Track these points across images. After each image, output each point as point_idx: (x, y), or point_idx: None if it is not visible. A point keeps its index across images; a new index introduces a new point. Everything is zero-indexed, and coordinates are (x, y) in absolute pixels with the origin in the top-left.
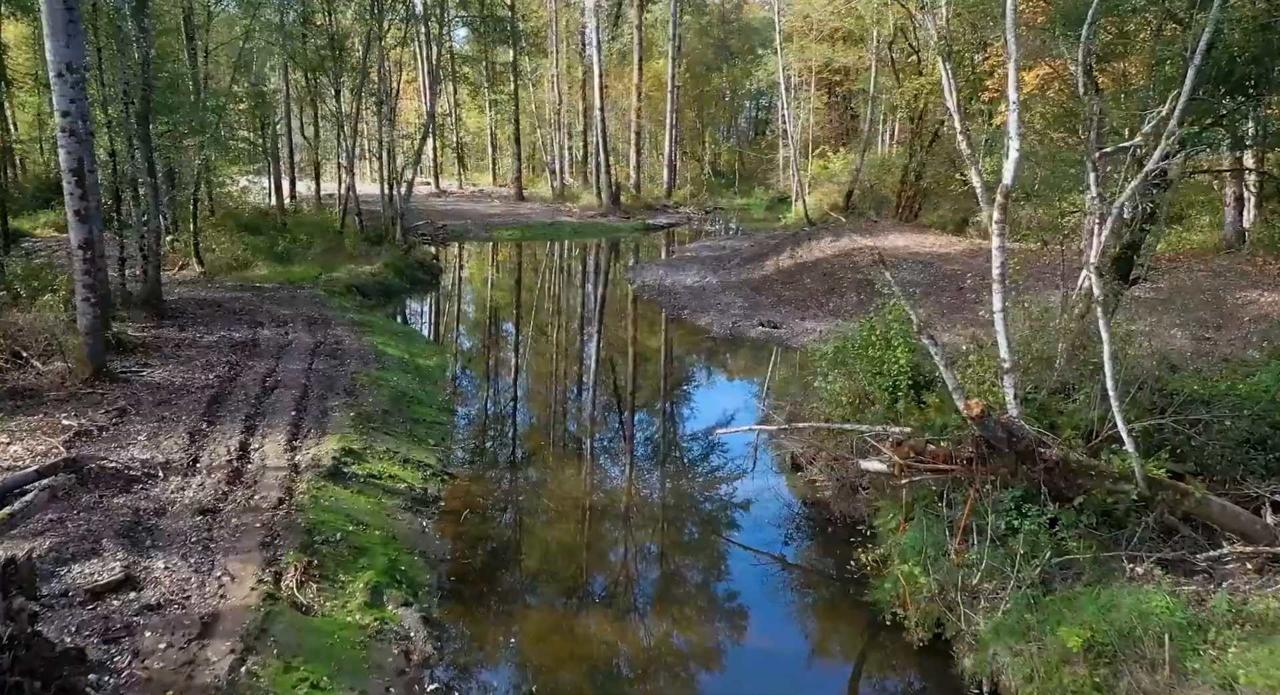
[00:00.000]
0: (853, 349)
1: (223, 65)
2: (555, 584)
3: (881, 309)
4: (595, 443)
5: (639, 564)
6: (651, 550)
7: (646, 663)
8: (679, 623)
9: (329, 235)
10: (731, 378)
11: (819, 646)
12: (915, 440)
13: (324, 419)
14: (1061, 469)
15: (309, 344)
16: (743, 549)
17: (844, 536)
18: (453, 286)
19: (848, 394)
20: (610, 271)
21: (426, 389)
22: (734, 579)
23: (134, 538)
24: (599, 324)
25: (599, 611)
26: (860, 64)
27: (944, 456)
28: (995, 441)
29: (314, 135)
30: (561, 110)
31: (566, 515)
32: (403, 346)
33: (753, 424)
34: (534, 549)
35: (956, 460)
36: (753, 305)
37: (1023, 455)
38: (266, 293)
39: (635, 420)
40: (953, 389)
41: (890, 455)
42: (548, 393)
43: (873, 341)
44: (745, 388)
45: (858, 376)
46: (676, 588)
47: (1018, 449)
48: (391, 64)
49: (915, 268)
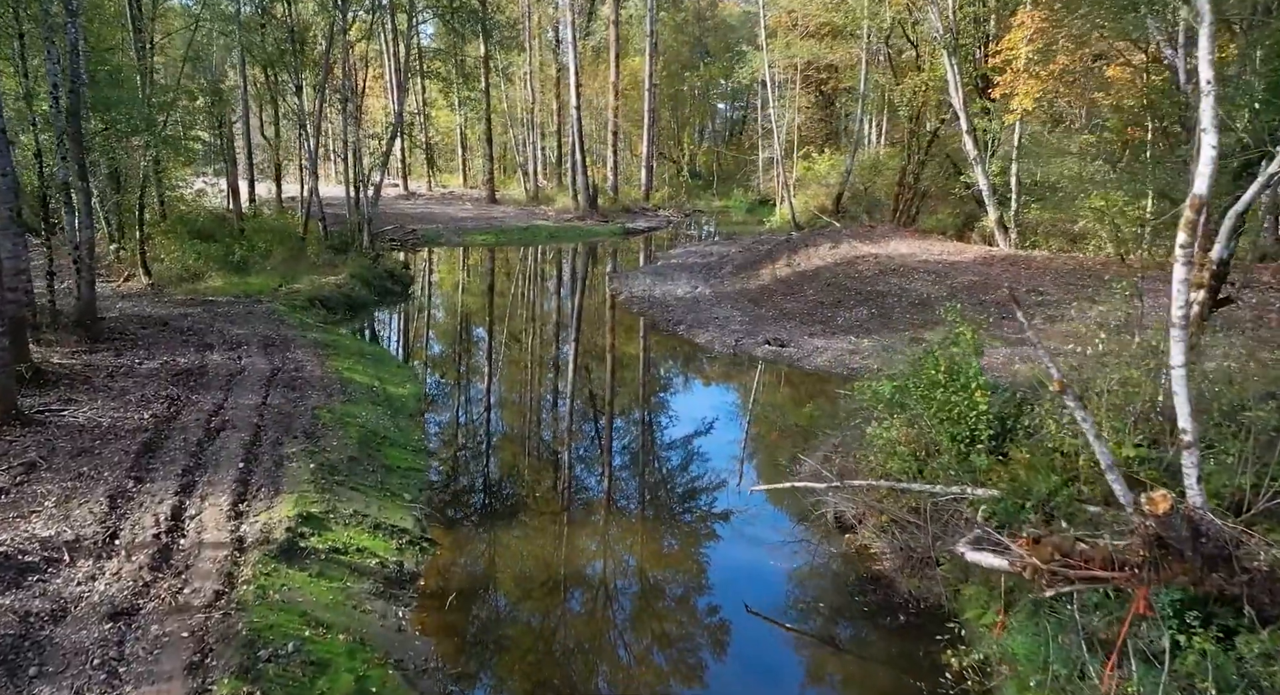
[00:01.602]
0: (916, 389)
1: (176, 59)
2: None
3: (949, 337)
4: (598, 489)
5: (664, 655)
6: (681, 637)
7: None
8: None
9: (290, 242)
10: (748, 409)
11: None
12: (1060, 538)
13: (278, 472)
14: (1270, 581)
15: (265, 371)
16: (786, 630)
17: (917, 624)
18: (425, 298)
19: (907, 441)
20: (593, 279)
21: (399, 425)
22: (782, 675)
23: (13, 665)
24: (588, 341)
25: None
26: (849, 61)
27: (1102, 560)
28: (1176, 542)
29: (275, 135)
30: (535, 109)
31: (571, 593)
32: (371, 371)
33: (791, 478)
34: (534, 645)
35: (1120, 566)
36: (754, 320)
37: (1213, 560)
38: (220, 308)
39: (645, 465)
40: (1106, 467)
41: (1022, 553)
42: (538, 429)
43: (941, 380)
44: (768, 421)
45: (922, 422)
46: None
47: (1206, 552)
48: (357, 59)
49: (928, 279)
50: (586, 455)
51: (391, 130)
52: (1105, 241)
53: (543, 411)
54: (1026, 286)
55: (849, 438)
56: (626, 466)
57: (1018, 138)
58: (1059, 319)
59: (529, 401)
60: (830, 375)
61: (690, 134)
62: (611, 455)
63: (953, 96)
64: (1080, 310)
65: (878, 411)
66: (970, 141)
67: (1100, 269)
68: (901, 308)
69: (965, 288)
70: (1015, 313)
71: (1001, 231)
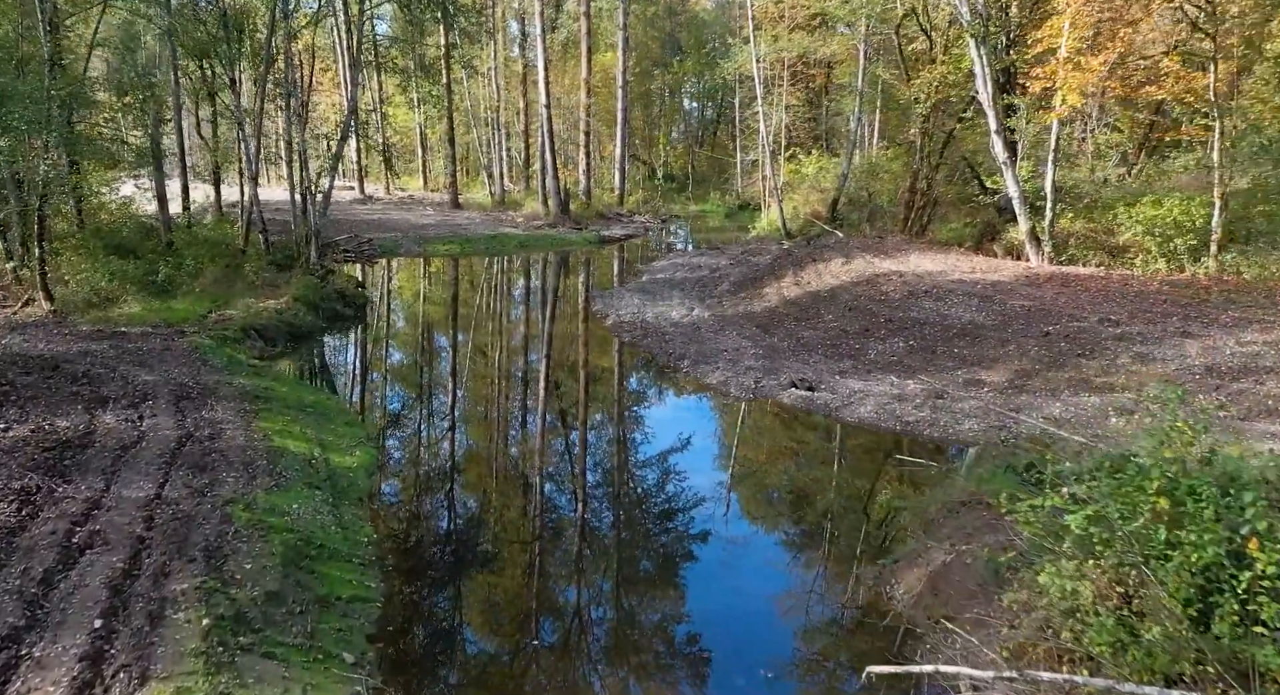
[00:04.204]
0: (1125, 519)
1: (96, 48)
2: None
3: (1168, 421)
4: (630, 637)
5: None
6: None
7: None
8: None
9: (227, 258)
10: (802, 492)
11: None
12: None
13: (153, 634)
14: None
15: (169, 440)
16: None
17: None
18: (381, 323)
19: (1102, 592)
20: (573, 298)
21: (344, 519)
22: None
23: None
24: (576, 381)
25: None
26: (843, 55)
27: None
28: None
29: (213, 134)
30: (500, 107)
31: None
32: (312, 431)
33: (922, 654)
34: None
35: None
36: (769, 353)
37: None
38: (131, 343)
39: (693, 602)
40: None
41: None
42: (527, 514)
43: (1163, 509)
44: (839, 519)
45: (1134, 566)
46: None
47: None
48: (301, 49)
49: (970, 304)
50: (599, 570)
51: (342, 129)
52: (1155, 256)
53: (531, 494)
54: (1096, 315)
55: (961, 563)
56: (669, 601)
57: (1055, 138)
58: (1150, 358)
59: (512, 476)
60: (880, 431)
61: (665, 134)
62: (636, 574)
63: (979, 91)
64: (1176, 347)
65: (1064, 550)
66: (999, 142)
67: (1169, 290)
68: (945, 340)
69: (1019, 315)
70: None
71: (1033, 244)
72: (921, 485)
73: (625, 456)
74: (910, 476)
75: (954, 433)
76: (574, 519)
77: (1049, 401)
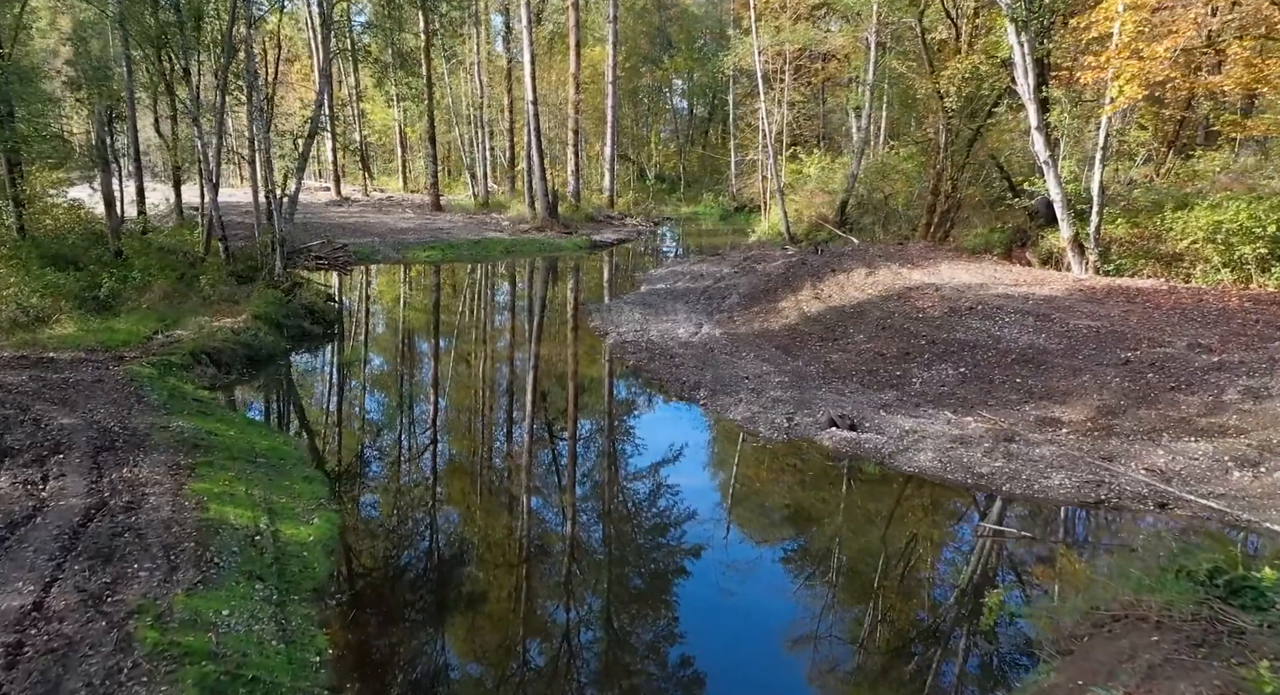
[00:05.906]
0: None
1: (36, 35)
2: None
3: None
4: None
5: None
6: None
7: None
8: None
9: (181, 269)
10: (865, 568)
11: None
12: None
13: None
14: None
15: (73, 512)
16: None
17: None
18: (355, 341)
19: None
20: (566, 311)
21: (289, 629)
22: None
23: None
24: (574, 415)
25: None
26: (850, 46)
27: None
28: None
29: (172, 132)
30: (484, 104)
31: None
32: (260, 492)
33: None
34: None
35: None
36: (796, 381)
37: None
38: (57, 372)
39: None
40: None
41: None
42: (533, 627)
43: None
44: (935, 612)
45: None
46: None
47: None
48: (265, 39)
49: (1024, 323)
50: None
51: (311, 123)
52: (1218, 266)
53: (536, 600)
54: (1182, 339)
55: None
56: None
57: (1103, 135)
58: (1265, 395)
59: (508, 553)
60: (946, 484)
61: (656, 133)
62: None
63: (1018, 83)
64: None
65: None
66: (1040, 139)
67: (1255, 308)
68: (1002, 366)
69: (1087, 337)
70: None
71: (1076, 252)
72: (1028, 571)
73: (656, 540)
74: (1008, 554)
75: (1039, 488)
76: (599, 643)
77: (1148, 448)
